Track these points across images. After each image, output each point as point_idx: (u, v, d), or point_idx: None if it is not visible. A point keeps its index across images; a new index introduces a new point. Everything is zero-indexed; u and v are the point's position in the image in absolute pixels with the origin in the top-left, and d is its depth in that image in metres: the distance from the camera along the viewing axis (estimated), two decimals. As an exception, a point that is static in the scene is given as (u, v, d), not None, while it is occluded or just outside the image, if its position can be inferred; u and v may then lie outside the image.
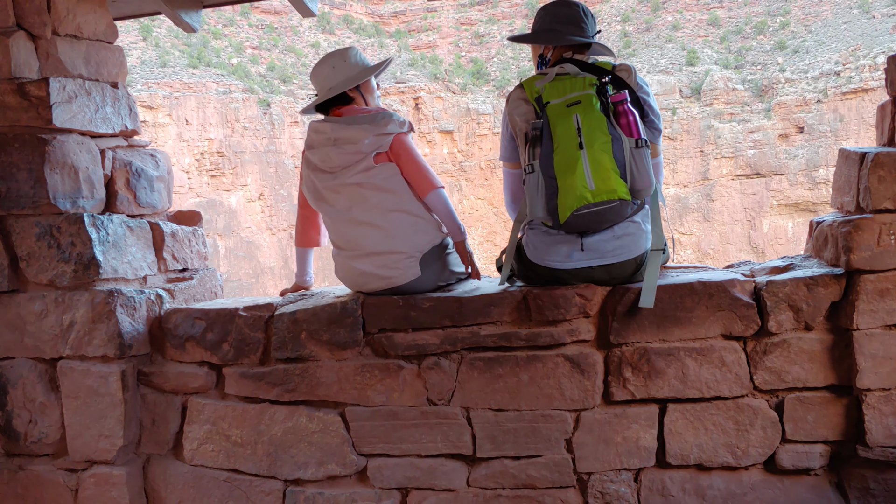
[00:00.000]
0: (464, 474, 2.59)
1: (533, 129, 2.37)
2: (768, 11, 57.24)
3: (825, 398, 2.41)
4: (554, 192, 2.33)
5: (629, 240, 2.44)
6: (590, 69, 2.45)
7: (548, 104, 2.37)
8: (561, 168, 2.32)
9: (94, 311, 2.73)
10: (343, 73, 2.72)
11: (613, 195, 2.30)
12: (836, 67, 48.05)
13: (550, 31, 2.58)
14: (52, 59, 2.81)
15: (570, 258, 2.47)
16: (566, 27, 2.55)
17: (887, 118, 2.54)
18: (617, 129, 2.32)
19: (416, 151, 2.70)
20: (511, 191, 2.71)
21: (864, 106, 44.32)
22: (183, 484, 2.81)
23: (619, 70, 2.47)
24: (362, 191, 2.63)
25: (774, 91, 49.24)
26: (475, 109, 51.41)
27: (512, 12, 63.58)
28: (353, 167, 2.63)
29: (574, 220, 2.33)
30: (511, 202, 2.72)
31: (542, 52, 2.64)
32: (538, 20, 2.64)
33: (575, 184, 2.30)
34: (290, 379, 2.69)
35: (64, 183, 2.75)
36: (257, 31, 58.79)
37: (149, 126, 40.35)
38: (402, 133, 2.67)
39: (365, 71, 2.73)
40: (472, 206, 49.57)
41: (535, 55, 2.69)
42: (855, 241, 2.33)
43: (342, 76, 2.72)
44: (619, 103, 2.36)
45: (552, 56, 2.61)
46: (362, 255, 2.66)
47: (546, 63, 2.62)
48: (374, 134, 2.62)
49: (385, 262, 2.63)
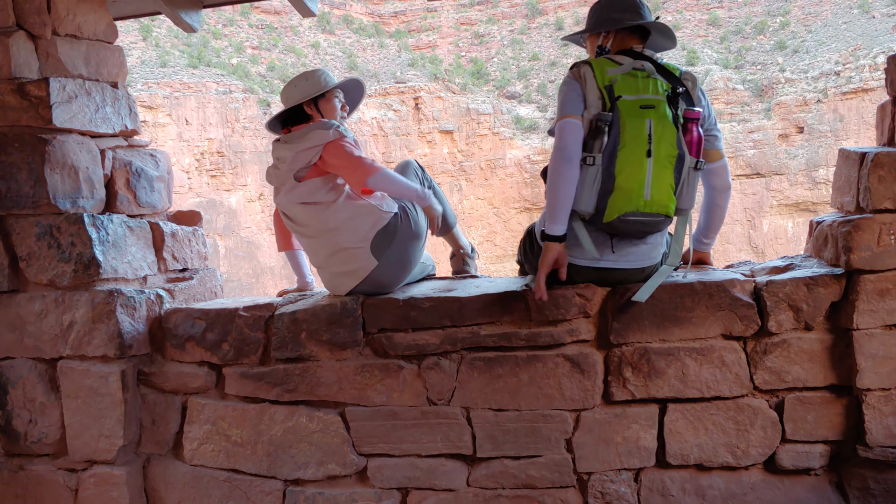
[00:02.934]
0: (464, 474, 2.59)
1: (600, 120, 2.29)
2: (768, 11, 57.23)
3: (825, 398, 2.41)
4: (608, 191, 2.29)
5: (648, 249, 2.46)
6: (663, 73, 2.39)
7: (619, 98, 2.30)
8: (623, 169, 2.27)
9: (94, 311, 2.73)
10: (303, 91, 2.75)
11: (664, 210, 2.31)
12: (836, 67, 48.02)
13: (609, 19, 2.49)
14: (52, 59, 2.81)
15: (601, 257, 2.44)
16: (624, 14, 2.48)
17: (887, 118, 2.54)
18: (683, 146, 2.31)
19: (347, 151, 2.62)
20: (574, 143, 2.32)
21: (864, 106, 44.29)
22: (183, 484, 2.81)
23: (685, 78, 2.43)
24: (297, 207, 2.69)
25: (774, 91, 49.23)
26: (475, 109, 51.36)
27: (512, 12, 63.56)
28: (284, 187, 2.71)
29: (618, 223, 2.31)
30: (571, 157, 2.31)
31: (601, 42, 2.52)
32: (594, 14, 2.55)
33: (633, 188, 2.27)
34: (290, 379, 2.69)
35: (64, 183, 2.75)
36: (257, 31, 58.77)
37: (149, 126, 40.32)
38: (331, 141, 2.63)
39: (319, 87, 2.74)
40: (472, 205, 49.53)
41: (592, 49, 2.58)
42: (855, 240, 2.33)
43: (301, 94, 2.75)
44: (692, 121, 2.35)
45: (612, 45, 2.51)
46: (323, 262, 2.74)
47: (607, 52, 2.51)
48: (297, 151, 2.65)
49: (343, 259, 2.68)
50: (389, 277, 2.71)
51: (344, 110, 2.85)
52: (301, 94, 2.75)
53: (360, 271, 2.68)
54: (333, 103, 2.80)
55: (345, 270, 2.70)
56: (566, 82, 2.40)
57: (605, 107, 2.30)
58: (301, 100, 2.74)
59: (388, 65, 57.06)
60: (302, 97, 2.74)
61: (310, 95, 2.74)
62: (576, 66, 2.42)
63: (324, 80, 2.77)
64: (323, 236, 2.69)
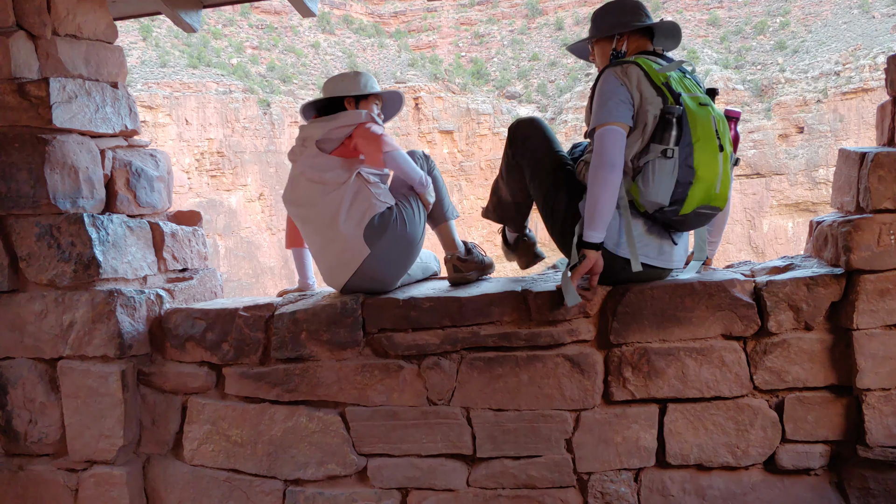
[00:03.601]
0: (464, 474, 2.59)
1: (668, 113, 2.30)
2: (768, 11, 57.25)
3: (825, 398, 2.41)
4: (688, 183, 2.31)
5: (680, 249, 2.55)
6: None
7: (680, 94, 2.34)
8: (703, 162, 2.30)
9: (94, 311, 2.73)
10: (347, 87, 2.83)
11: (722, 205, 2.39)
12: (836, 67, 48.03)
13: (619, 23, 2.50)
14: (52, 59, 2.81)
15: (661, 254, 2.47)
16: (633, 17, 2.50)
17: (887, 118, 2.54)
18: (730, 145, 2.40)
19: (377, 135, 2.68)
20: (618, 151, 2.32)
21: (864, 106, 44.29)
22: (183, 484, 2.81)
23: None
24: (305, 184, 2.74)
25: (774, 91, 49.23)
26: (475, 109, 51.36)
27: (512, 12, 63.57)
28: (305, 153, 2.75)
29: (694, 215, 2.37)
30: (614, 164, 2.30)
31: (616, 46, 2.51)
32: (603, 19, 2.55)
33: (712, 181, 2.32)
34: (290, 379, 2.69)
35: (64, 183, 2.75)
36: (257, 31, 58.78)
37: (149, 126, 40.33)
38: (363, 122, 2.70)
39: (364, 88, 2.82)
40: (473, 206, 49.50)
41: (604, 55, 2.57)
42: (855, 241, 2.33)
43: (345, 89, 2.82)
44: (733, 120, 2.45)
45: (628, 48, 2.51)
46: (320, 250, 2.77)
47: (623, 55, 2.50)
48: (330, 128, 2.71)
49: (338, 248, 2.70)
50: (382, 270, 2.70)
51: (380, 117, 2.90)
52: (345, 89, 2.81)
53: (352, 262, 2.69)
54: (372, 107, 2.86)
55: (339, 261, 2.72)
56: (609, 85, 2.36)
57: (666, 102, 2.32)
58: (344, 94, 2.80)
59: (388, 65, 57.08)
60: (345, 92, 2.80)
61: (353, 92, 2.80)
62: (618, 67, 2.39)
63: (369, 84, 2.85)
64: (320, 219, 2.71)
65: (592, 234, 2.34)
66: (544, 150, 2.61)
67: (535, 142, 2.62)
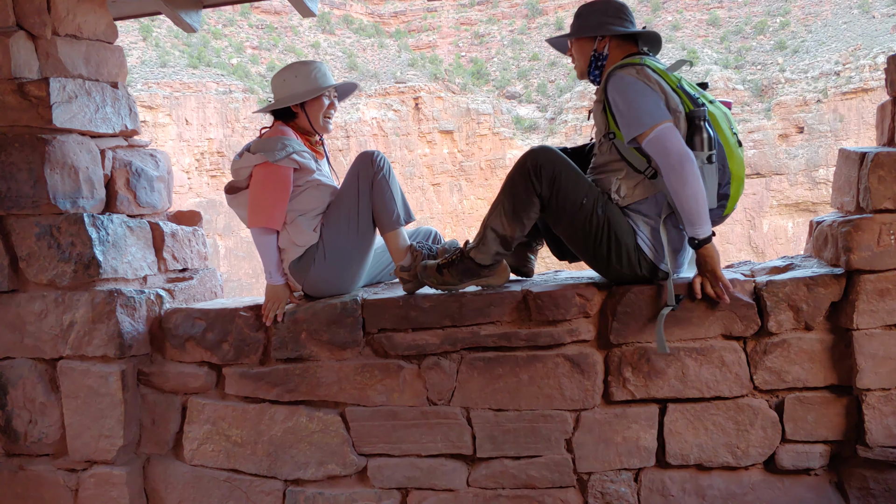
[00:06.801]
0: (464, 474, 2.59)
1: (697, 117, 2.29)
2: (768, 11, 57.22)
3: (825, 398, 2.41)
4: (727, 184, 2.36)
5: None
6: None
7: (697, 97, 2.36)
8: (733, 160, 2.35)
9: (94, 311, 2.73)
10: (292, 88, 2.73)
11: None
12: (836, 67, 48.00)
13: (601, 24, 2.47)
14: (52, 59, 2.81)
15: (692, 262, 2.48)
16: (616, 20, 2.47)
17: (887, 118, 2.54)
18: None
19: (266, 183, 2.64)
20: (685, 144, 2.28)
21: (864, 106, 44.27)
22: (183, 484, 2.81)
23: None
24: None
25: (774, 91, 49.20)
26: (475, 109, 51.34)
27: (512, 12, 63.55)
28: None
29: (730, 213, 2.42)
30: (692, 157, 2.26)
31: (597, 47, 2.49)
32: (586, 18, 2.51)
33: (742, 177, 2.39)
34: (290, 379, 2.69)
35: (64, 183, 2.75)
36: (257, 31, 58.76)
37: (149, 126, 40.31)
38: (261, 164, 2.64)
39: (307, 93, 2.71)
40: (472, 206, 49.51)
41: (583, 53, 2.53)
42: (855, 241, 2.33)
43: (288, 91, 2.74)
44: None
45: (612, 51, 2.48)
46: None
47: (604, 59, 2.49)
48: (239, 167, 2.72)
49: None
50: (328, 290, 2.74)
51: (332, 108, 2.81)
52: (290, 96, 2.72)
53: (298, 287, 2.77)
54: (322, 101, 2.77)
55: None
56: (641, 88, 2.32)
57: (684, 105, 2.34)
58: (289, 103, 2.72)
59: (388, 65, 57.04)
60: (290, 100, 2.72)
61: (297, 100, 2.71)
62: (631, 69, 2.35)
63: (315, 82, 2.73)
64: None
65: (701, 230, 2.30)
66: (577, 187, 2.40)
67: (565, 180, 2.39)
